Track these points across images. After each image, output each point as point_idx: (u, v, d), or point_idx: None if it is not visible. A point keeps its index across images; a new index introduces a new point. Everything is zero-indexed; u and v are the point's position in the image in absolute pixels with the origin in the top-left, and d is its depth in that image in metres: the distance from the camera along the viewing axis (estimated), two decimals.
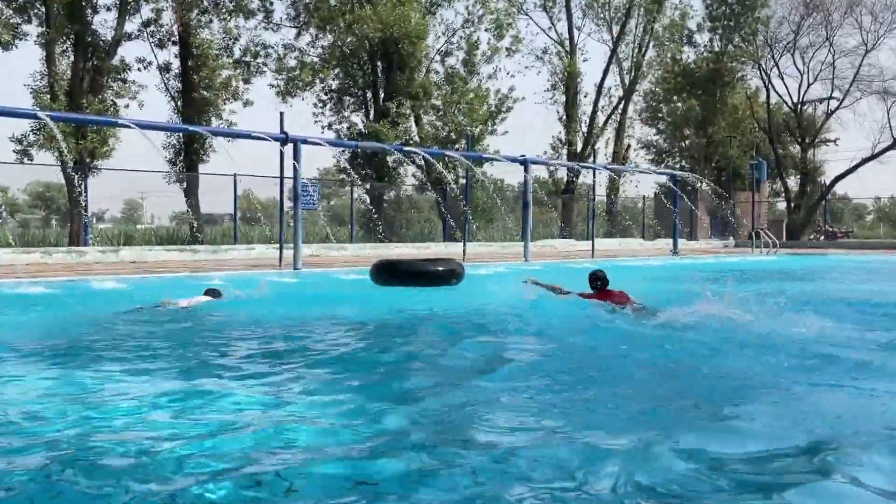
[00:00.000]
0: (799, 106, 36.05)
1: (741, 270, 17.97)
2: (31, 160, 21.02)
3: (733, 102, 37.08)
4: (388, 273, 11.42)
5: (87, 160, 20.94)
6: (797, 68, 35.33)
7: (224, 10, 25.15)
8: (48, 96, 20.74)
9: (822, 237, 35.21)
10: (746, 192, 35.12)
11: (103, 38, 22.50)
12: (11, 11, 20.90)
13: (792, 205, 36.79)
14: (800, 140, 36.75)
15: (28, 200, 65.48)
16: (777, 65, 35.42)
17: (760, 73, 35.90)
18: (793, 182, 38.50)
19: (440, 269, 11.52)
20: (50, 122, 13.89)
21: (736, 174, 37.30)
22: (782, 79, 35.99)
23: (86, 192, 20.81)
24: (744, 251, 26.86)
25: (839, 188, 40.33)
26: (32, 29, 21.39)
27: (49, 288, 10.80)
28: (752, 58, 35.68)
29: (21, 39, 20.84)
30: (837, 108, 35.49)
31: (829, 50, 34.47)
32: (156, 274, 12.98)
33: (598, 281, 8.66)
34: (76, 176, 20.37)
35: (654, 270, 17.69)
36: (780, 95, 36.73)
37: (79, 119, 18.77)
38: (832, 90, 35.17)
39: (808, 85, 35.32)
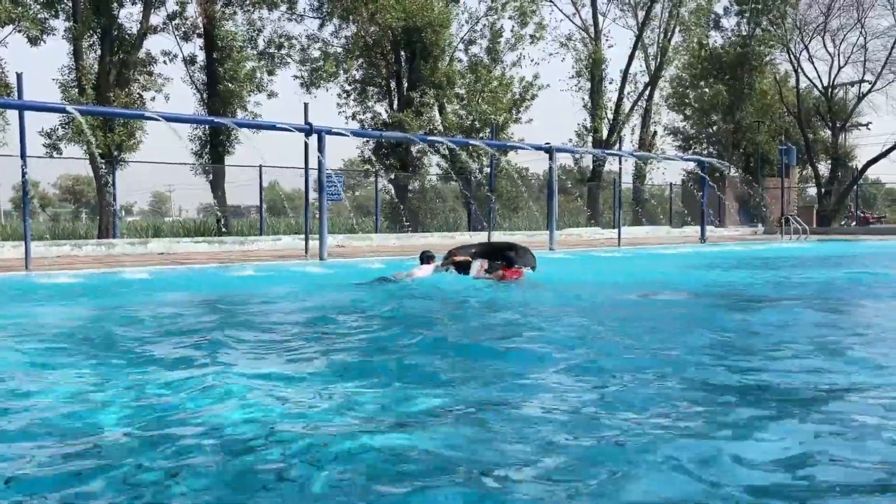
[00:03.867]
0: (829, 90, 35.33)
1: (765, 258, 17.70)
2: (60, 154, 21.29)
3: (761, 87, 36.38)
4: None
5: (115, 153, 21.15)
6: (827, 51, 34.78)
7: (248, 2, 25.24)
8: (76, 90, 20.97)
9: (854, 223, 34.62)
10: (775, 178, 34.58)
11: (129, 32, 22.70)
12: (39, 6, 21.13)
13: (822, 190, 36.15)
14: (830, 124, 36.07)
15: (58, 194, 66.24)
16: (807, 48, 34.74)
17: (789, 56, 35.22)
18: (823, 167, 37.86)
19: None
20: (78, 116, 14.05)
21: (764, 160, 36.73)
22: (812, 62, 35.43)
23: (114, 185, 21.03)
24: (773, 238, 26.47)
25: (871, 173, 39.68)
26: (59, 24, 21.62)
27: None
28: (780, 41, 35.00)
29: (49, 34, 21.05)
30: (869, 92, 34.82)
31: (861, 32, 33.78)
32: (185, 264, 13.09)
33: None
34: (104, 169, 20.58)
35: (683, 258, 17.47)
36: (809, 79, 36.11)
37: (106, 112, 18.95)
38: (864, 73, 34.51)
39: (839, 68, 34.66)
